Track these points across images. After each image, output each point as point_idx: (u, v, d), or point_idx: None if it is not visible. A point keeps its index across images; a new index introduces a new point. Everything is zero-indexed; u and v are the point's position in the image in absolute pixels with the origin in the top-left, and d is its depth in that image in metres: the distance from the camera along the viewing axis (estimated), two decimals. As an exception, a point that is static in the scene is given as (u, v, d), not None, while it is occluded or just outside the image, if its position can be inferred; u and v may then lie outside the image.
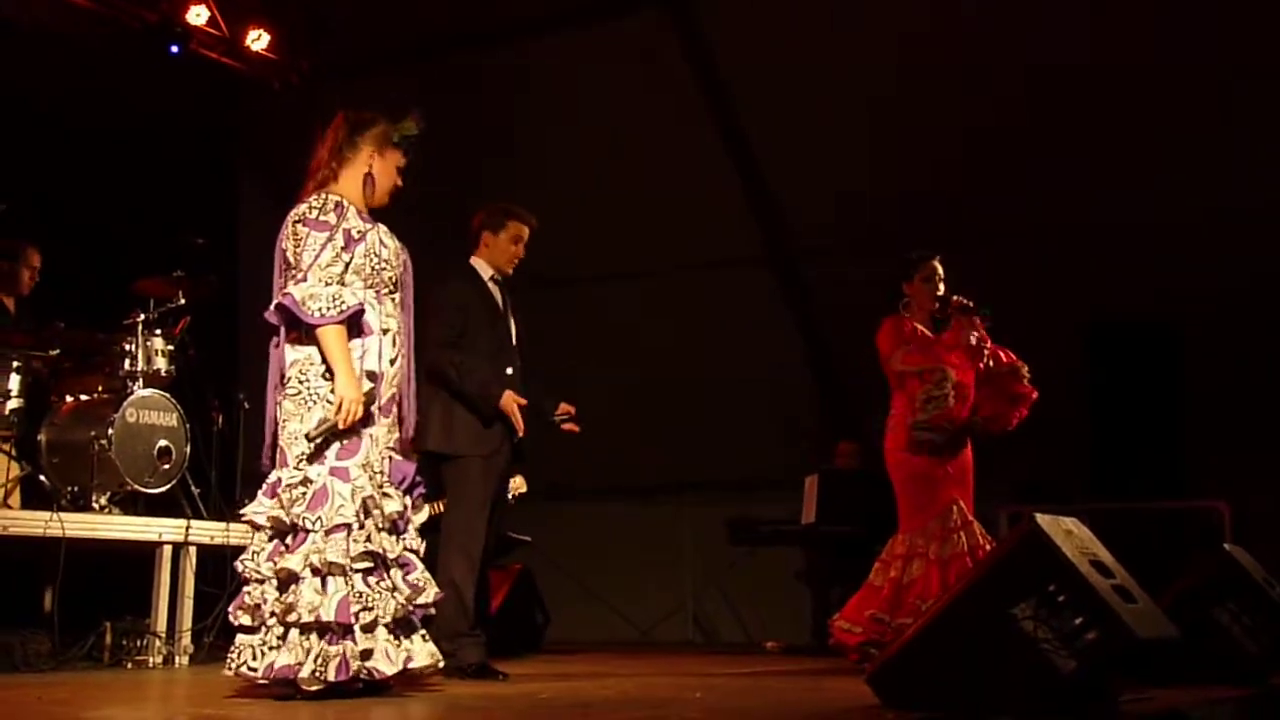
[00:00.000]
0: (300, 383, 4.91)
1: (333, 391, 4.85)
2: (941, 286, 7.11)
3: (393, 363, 5.03)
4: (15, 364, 7.09)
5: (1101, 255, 9.62)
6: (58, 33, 9.31)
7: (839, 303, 10.64)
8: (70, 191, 9.12)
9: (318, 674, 4.69)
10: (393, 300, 5.07)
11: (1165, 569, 5.48)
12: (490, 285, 6.52)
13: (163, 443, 7.23)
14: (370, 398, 4.90)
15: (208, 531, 7.21)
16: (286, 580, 4.77)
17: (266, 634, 4.81)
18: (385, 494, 4.90)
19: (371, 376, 4.94)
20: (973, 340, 6.97)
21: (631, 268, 10.76)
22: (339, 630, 4.73)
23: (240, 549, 6.98)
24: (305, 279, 4.85)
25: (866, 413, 10.64)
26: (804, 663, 7.83)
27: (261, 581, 4.84)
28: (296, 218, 4.97)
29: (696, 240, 10.80)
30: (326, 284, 4.86)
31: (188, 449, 7.37)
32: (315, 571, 4.74)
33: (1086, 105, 9.24)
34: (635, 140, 10.40)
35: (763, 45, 9.98)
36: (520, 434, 6.34)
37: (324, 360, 4.88)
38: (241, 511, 5.08)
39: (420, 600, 5.00)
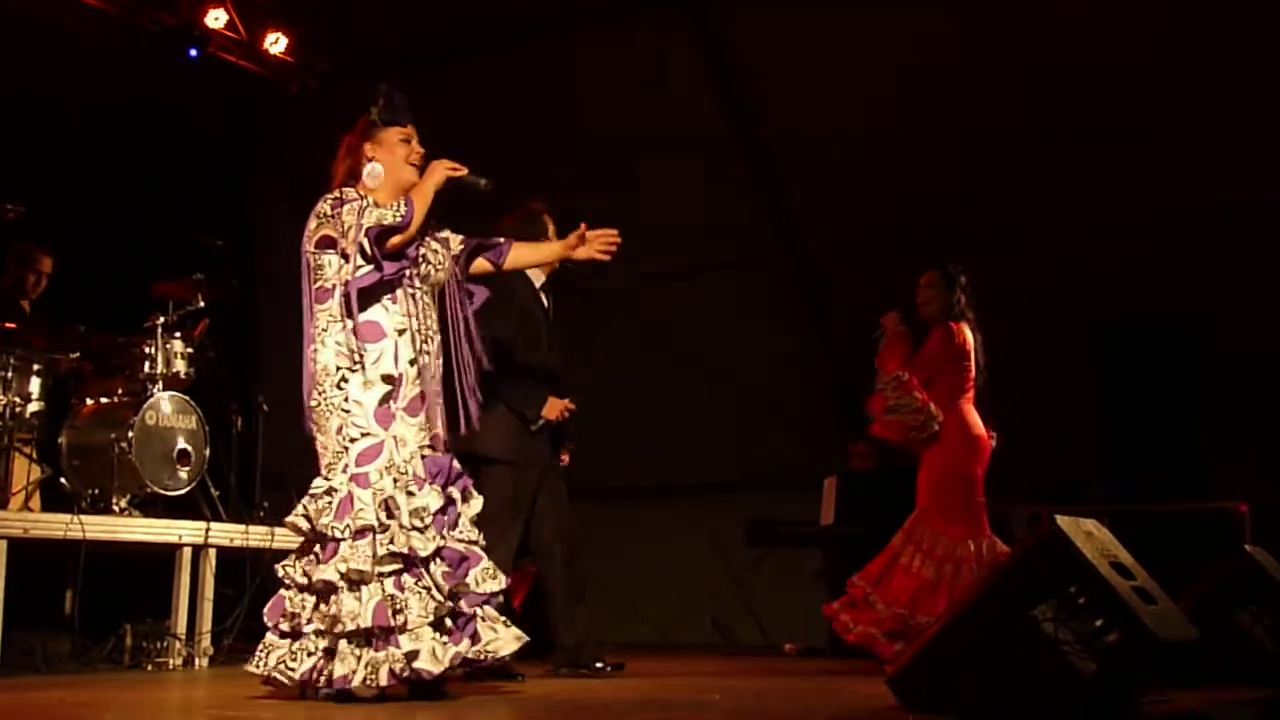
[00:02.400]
0: (320, 394, 4.94)
1: (346, 399, 4.89)
2: (921, 298, 7.34)
3: (412, 363, 5.00)
4: (36, 367, 7.12)
5: (1116, 257, 9.59)
6: (77, 35, 9.33)
7: (858, 304, 10.64)
8: (89, 194, 9.14)
9: (369, 681, 4.69)
10: (413, 299, 5.06)
11: (1185, 571, 5.47)
12: (541, 294, 6.55)
13: (182, 445, 7.27)
14: None
15: (227, 534, 7.22)
16: (325, 591, 4.78)
17: (303, 641, 4.82)
18: (411, 493, 4.86)
19: (388, 380, 4.94)
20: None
21: (647, 269, 10.75)
22: (381, 635, 4.72)
23: (259, 551, 7.09)
24: (360, 224, 4.89)
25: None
26: (822, 665, 7.83)
27: (300, 589, 4.86)
28: (318, 213, 5.01)
29: (712, 241, 10.79)
30: (379, 209, 4.95)
31: (207, 451, 7.40)
32: (349, 581, 4.75)
33: (1098, 105, 9.21)
34: (648, 142, 10.39)
35: (779, 46, 9.97)
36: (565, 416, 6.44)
37: (337, 369, 4.91)
38: (286, 519, 5.06)
39: (484, 589, 4.97)
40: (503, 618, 5.06)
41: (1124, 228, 9.53)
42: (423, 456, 4.98)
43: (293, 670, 4.80)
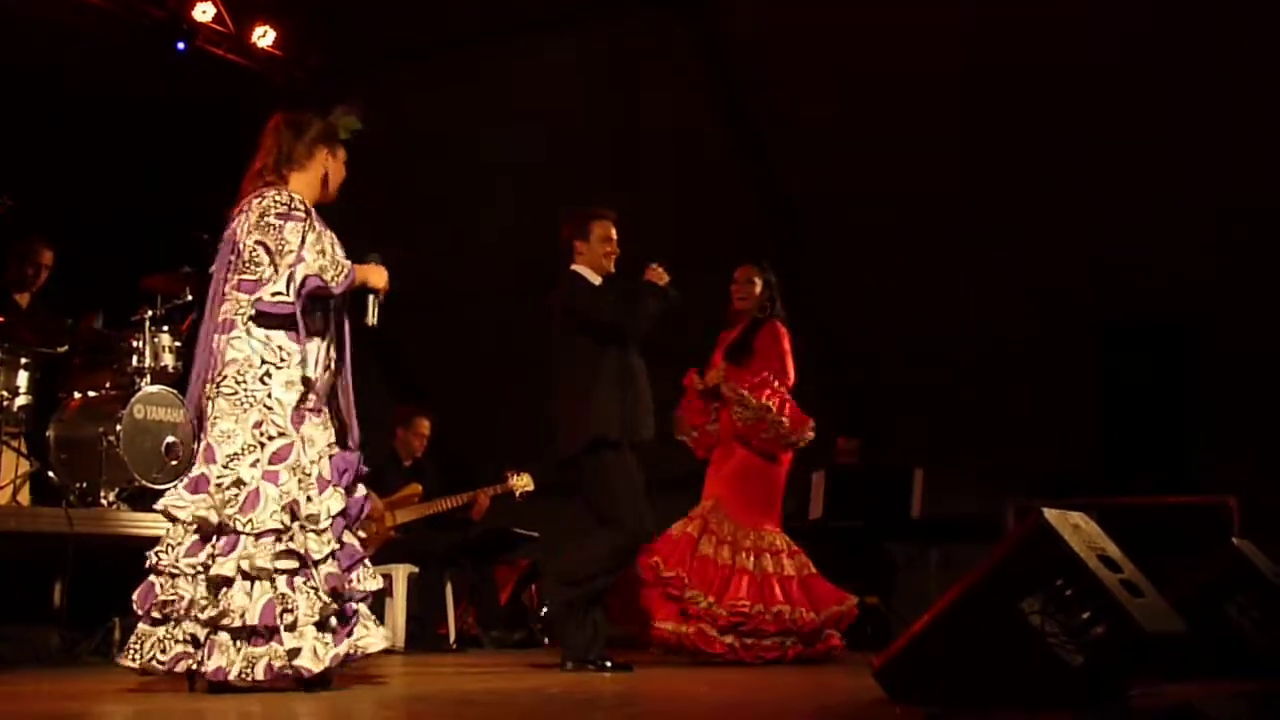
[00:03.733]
0: (238, 383, 4.92)
1: (269, 395, 4.90)
2: (740, 293, 7.57)
3: (327, 369, 5.07)
4: (24, 360, 7.10)
5: (1116, 257, 9.59)
6: (67, 29, 9.30)
7: (845, 300, 10.62)
8: (78, 188, 9.12)
9: (244, 675, 4.71)
10: (328, 304, 5.08)
11: (1175, 564, 5.44)
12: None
13: (170, 439, 7.23)
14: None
15: (215, 528, 7.19)
16: (218, 584, 4.77)
17: (172, 628, 4.79)
18: (310, 497, 4.89)
19: (306, 383, 4.98)
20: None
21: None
22: (265, 633, 4.74)
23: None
24: (302, 259, 4.91)
25: (873, 410, 10.67)
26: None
27: (177, 576, 4.80)
28: (265, 211, 4.99)
29: (711, 241, 10.77)
30: (321, 254, 4.96)
31: (195, 445, 7.33)
32: (246, 576, 4.76)
33: (1098, 105, 9.20)
34: (647, 141, 10.37)
35: (779, 46, 9.95)
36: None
37: (262, 363, 4.92)
38: (158, 504, 5.04)
39: (366, 587, 5.01)
40: (373, 616, 5.09)
41: (1124, 228, 9.51)
42: (330, 456, 5.01)
43: (163, 658, 4.78)
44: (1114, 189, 9.46)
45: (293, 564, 4.79)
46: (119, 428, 7.00)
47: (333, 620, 4.87)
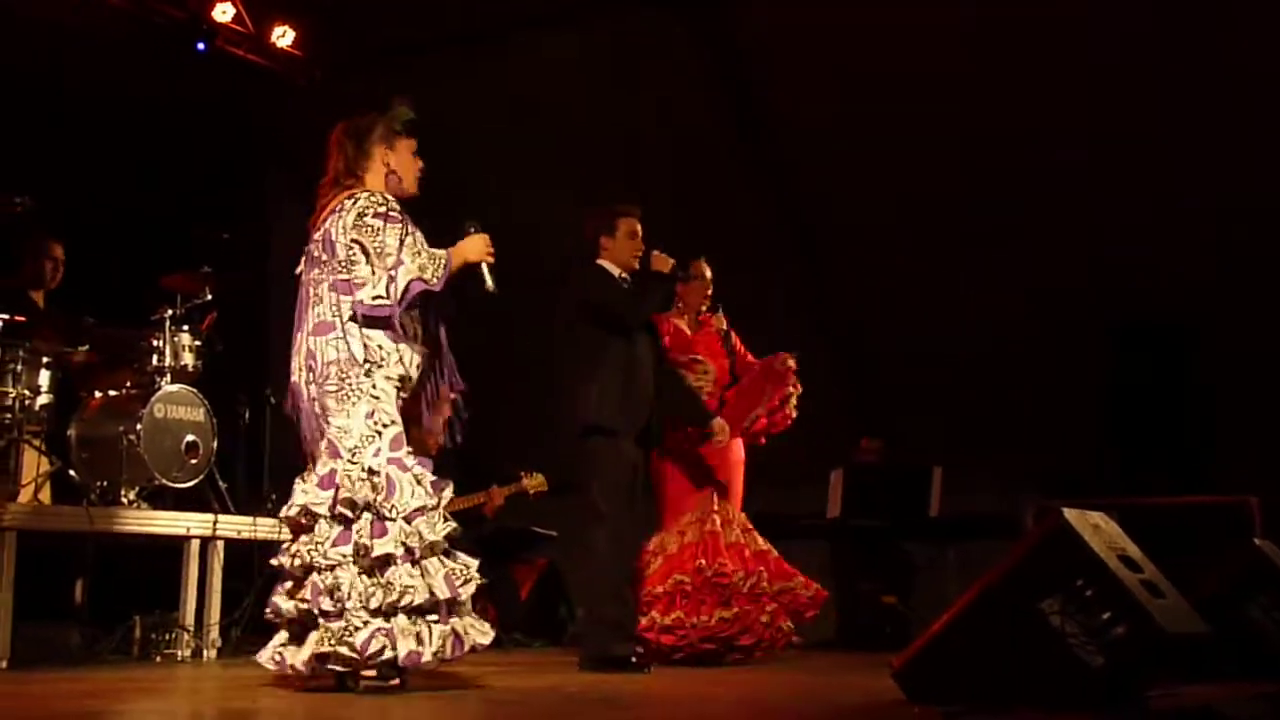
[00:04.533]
0: (341, 380, 5.03)
1: (374, 386, 5.02)
2: (703, 290, 7.57)
3: (418, 368, 5.21)
4: (45, 360, 7.11)
5: (1116, 257, 9.63)
6: (86, 30, 9.30)
7: (862, 299, 10.65)
8: (98, 188, 9.11)
9: (439, 654, 4.90)
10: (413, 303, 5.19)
11: (1195, 564, 5.47)
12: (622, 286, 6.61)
13: (190, 438, 7.25)
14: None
15: (235, 526, 7.24)
16: (383, 564, 4.88)
17: (350, 618, 4.82)
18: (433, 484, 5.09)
19: (402, 379, 5.14)
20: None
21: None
22: (445, 607, 4.93)
23: (268, 543, 7.08)
24: (401, 262, 5.03)
25: (891, 408, 10.69)
26: (829, 657, 7.86)
27: (334, 567, 4.87)
28: (364, 211, 5.10)
29: (713, 241, 10.80)
30: (417, 254, 5.07)
31: (215, 444, 7.38)
32: (409, 554, 4.90)
33: (1098, 105, 9.23)
34: (650, 140, 10.40)
35: (780, 45, 9.97)
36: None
37: (364, 361, 5.03)
38: (292, 508, 5.10)
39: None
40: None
41: (1124, 228, 9.55)
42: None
43: (353, 642, 4.80)
44: (1114, 189, 9.47)
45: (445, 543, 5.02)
46: (139, 426, 7.02)
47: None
